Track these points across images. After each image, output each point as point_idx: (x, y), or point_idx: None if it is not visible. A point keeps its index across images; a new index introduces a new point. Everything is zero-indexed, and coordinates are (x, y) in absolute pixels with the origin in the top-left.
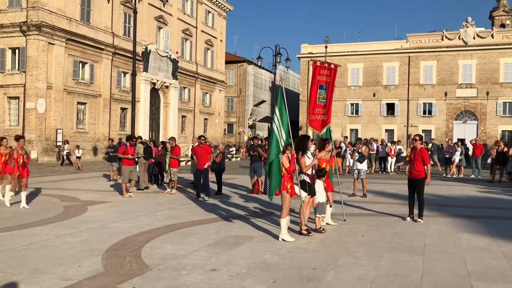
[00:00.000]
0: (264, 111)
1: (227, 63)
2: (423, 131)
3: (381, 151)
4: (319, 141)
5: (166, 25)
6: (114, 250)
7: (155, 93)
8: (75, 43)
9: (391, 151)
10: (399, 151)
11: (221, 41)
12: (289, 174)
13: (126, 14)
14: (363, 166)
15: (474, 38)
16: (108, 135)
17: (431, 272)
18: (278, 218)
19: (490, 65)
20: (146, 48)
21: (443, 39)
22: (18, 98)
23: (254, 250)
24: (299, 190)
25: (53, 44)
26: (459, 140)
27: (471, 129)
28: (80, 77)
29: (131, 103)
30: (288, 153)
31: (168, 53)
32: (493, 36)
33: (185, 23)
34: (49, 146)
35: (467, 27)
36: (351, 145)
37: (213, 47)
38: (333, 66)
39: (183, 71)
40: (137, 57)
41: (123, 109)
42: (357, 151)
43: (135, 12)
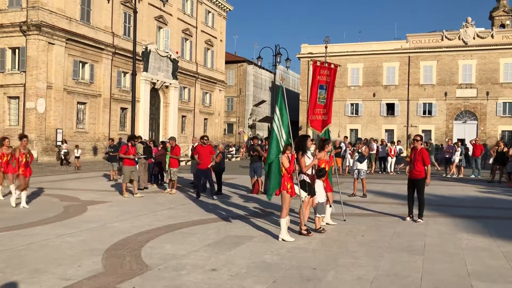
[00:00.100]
0: (264, 111)
1: (227, 63)
2: (423, 131)
3: (381, 151)
4: (318, 141)
5: (166, 25)
6: (114, 250)
7: (155, 93)
8: (75, 43)
9: (391, 151)
10: (399, 151)
11: (221, 41)
12: (289, 174)
13: (126, 14)
14: (363, 166)
15: (474, 38)
16: (108, 135)
17: (431, 272)
18: (278, 218)
19: (490, 65)
20: (146, 48)
21: (443, 39)
22: (18, 98)
23: (254, 250)
24: (299, 190)
25: (53, 44)
26: (459, 140)
27: (471, 129)
28: (80, 77)
29: (131, 103)
30: (288, 153)
31: (168, 53)
32: (493, 36)
33: (185, 23)
34: (49, 146)
35: (467, 27)
36: (351, 145)
37: (213, 47)
38: (333, 66)
39: (183, 71)
40: (137, 57)
41: (123, 109)
42: (357, 151)
43: (135, 12)
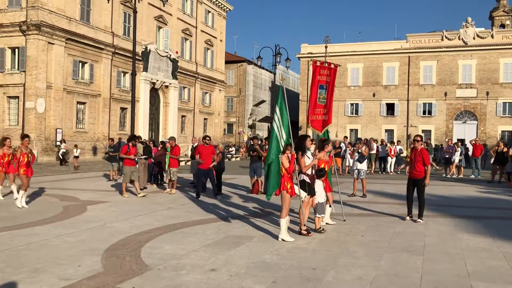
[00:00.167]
0: (264, 111)
1: (227, 63)
2: (423, 131)
3: (381, 151)
4: (318, 141)
5: (166, 25)
6: (113, 250)
7: (154, 93)
8: (74, 43)
9: (390, 151)
10: (399, 151)
11: (221, 41)
12: (289, 174)
13: (126, 13)
14: (363, 166)
15: (474, 38)
16: (107, 135)
17: (431, 272)
18: (277, 218)
19: (490, 65)
20: (146, 48)
21: (443, 39)
22: (17, 97)
23: (253, 250)
24: (299, 190)
25: (53, 43)
26: (459, 140)
27: (471, 129)
28: (79, 76)
29: (130, 103)
30: (288, 153)
31: (168, 53)
32: (493, 36)
33: (185, 23)
34: (48, 145)
35: (467, 27)
36: (351, 145)
37: (213, 47)
38: (333, 66)
39: (183, 71)
40: (137, 57)
41: (123, 109)
42: (357, 151)
43: (135, 12)
